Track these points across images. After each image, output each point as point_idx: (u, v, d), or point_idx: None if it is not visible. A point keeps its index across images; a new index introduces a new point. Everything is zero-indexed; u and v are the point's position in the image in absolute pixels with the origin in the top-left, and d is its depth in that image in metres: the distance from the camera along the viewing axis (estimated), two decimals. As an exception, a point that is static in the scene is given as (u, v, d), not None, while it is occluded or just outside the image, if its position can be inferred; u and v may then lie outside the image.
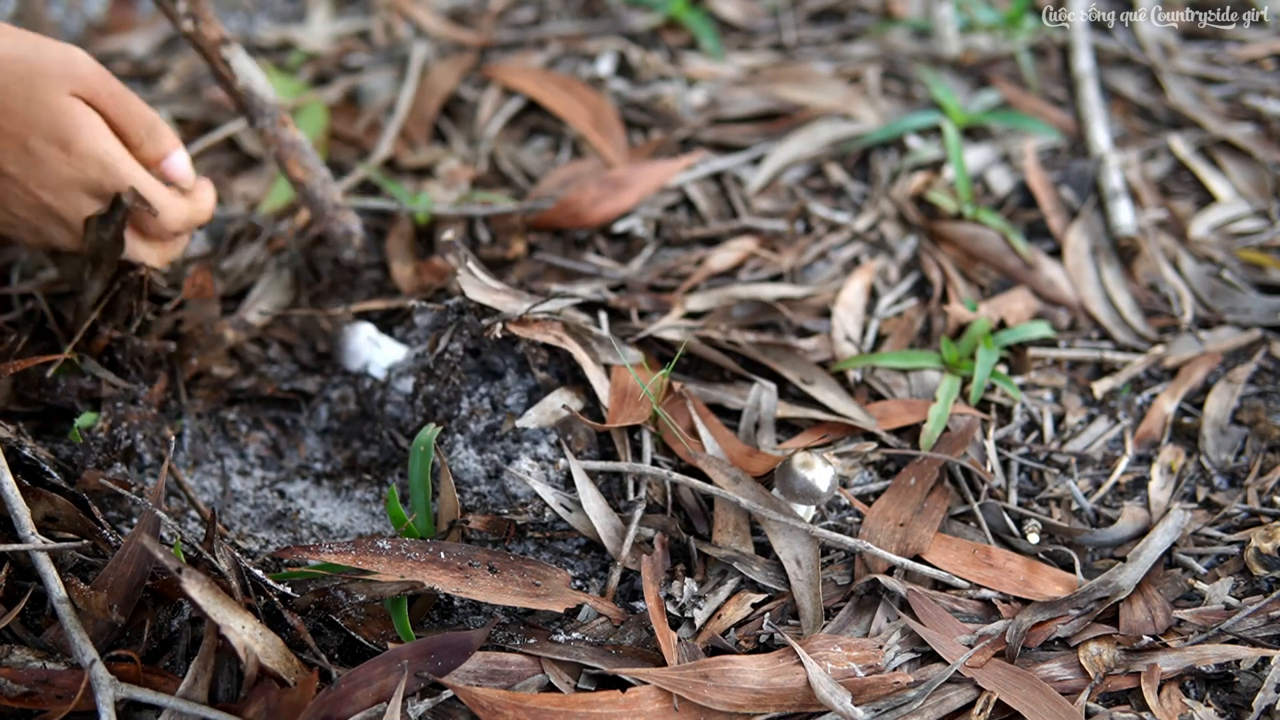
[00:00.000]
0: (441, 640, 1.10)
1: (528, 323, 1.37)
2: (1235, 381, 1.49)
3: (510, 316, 1.34)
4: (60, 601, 1.09)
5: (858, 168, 1.81)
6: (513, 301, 1.37)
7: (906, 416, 1.41)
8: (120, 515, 1.30)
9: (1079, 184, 1.75)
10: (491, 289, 1.38)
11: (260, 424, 1.48)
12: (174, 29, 1.34)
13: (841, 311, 1.55)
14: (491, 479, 1.33)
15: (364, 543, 1.17)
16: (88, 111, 1.26)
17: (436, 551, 1.19)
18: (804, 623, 1.21)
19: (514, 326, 1.35)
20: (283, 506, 1.38)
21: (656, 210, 1.71)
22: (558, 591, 1.19)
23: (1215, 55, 1.98)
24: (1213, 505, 1.37)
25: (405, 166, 1.81)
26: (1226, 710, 1.16)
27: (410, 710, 1.09)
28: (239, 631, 1.05)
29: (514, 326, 1.35)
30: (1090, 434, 1.46)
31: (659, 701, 1.12)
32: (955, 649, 1.18)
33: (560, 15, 2.08)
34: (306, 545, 1.17)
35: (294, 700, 1.05)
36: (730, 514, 1.30)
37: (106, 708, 1.03)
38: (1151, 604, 1.24)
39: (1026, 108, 1.88)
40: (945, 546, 1.29)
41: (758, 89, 1.90)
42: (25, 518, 1.15)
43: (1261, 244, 1.67)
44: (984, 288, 1.63)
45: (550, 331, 1.37)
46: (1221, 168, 1.79)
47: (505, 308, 1.36)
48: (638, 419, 1.34)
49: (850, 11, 2.09)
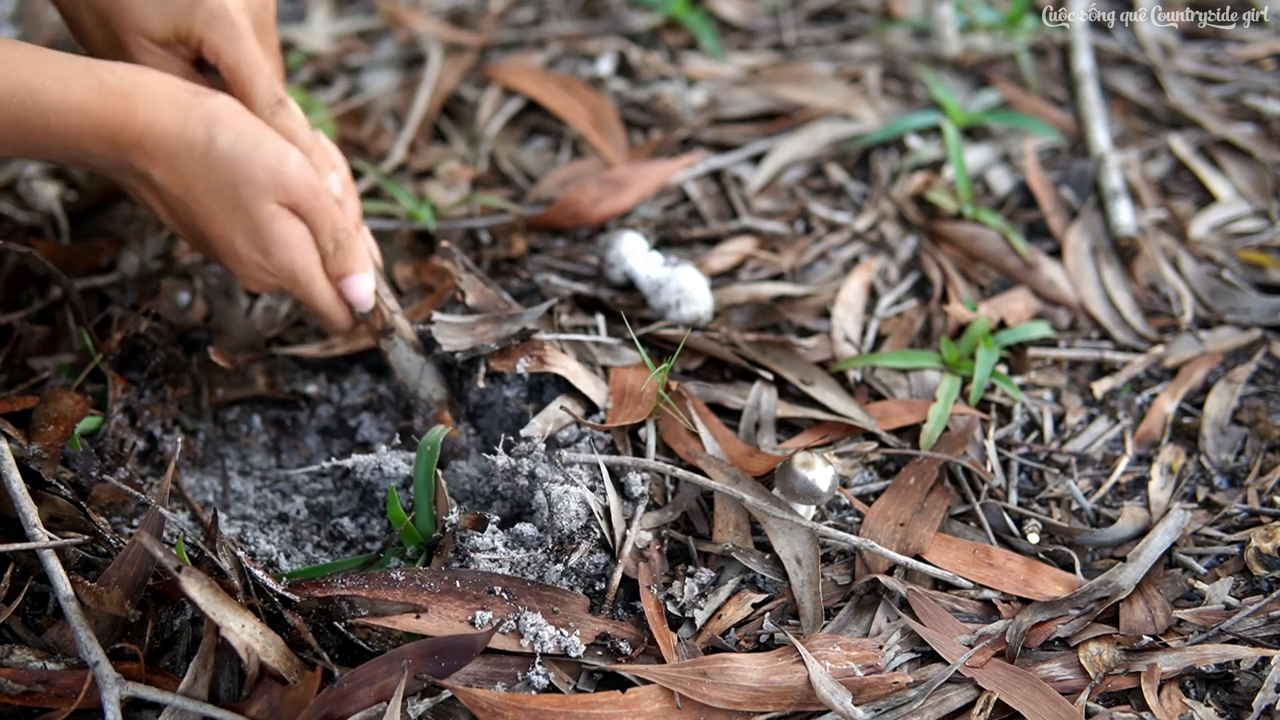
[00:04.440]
0: (445, 641, 1.10)
1: (509, 352, 1.37)
2: (1235, 381, 1.49)
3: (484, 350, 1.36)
4: (67, 599, 1.09)
5: (858, 168, 1.81)
6: (491, 330, 1.38)
7: (906, 416, 1.41)
8: (123, 519, 1.30)
9: (1079, 184, 1.75)
10: (465, 326, 1.38)
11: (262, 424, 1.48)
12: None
13: (841, 311, 1.55)
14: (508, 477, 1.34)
15: (377, 576, 1.17)
16: (290, 224, 1.30)
17: (452, 581, 1.18)
18: (804, 621, 1.21)
19: (495, 362, 1.37)
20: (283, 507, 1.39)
21: (656, 210, 1.71)
22: (576, 618, 1.19)
23: (1215, 55, 1.99)
24: (1213, 505, 1.37)
25: (408, 168, 1.81)
26: (1226, 710, 1.16)
27: (410, 710, 1.10)
28: (239, 631, 1.05)
29: (495, 362, 1.37)
30: (1090, 434, 1.46)
31: (659, 701, 1.12)
32: (955, 649, 1.18)
33: (560, 15, 2.08)
34: (317, 581, 1.16)
35: (296, 698, 1.05)
36: (731, 513, 1.31)
37: (112, 705, 1.03)
38: (1151, 604, 1.24)
39: (1026, 108, 1.88)
40: (945, 546, 1.29)
41: (758, 89, 1.90)
42: (33, 515, 1.16)
43: (1261, 244, 1.67)
44: (984, 288, 1.63)
45: (533, 354, 1.37)
46: (1221, 168, 1.79)
47: (484, 339, 1.36)
48: (637, 418, 1.34)
49: (850, 11, 2.09)
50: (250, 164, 1.25)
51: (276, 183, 1.27)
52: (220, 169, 1.25)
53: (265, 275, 1.32)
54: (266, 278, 1.33)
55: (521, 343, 1.39)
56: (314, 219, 1.31)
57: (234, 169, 1.25)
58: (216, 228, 1.29)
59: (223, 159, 1.25)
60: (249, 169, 1.25)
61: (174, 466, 1.32)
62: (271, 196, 1.27)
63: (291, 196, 1.29)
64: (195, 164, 1.24)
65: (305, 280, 1.33)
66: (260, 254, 1.30)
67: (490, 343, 1.37)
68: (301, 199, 1.29)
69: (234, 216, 1.28)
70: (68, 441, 1.27)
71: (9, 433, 1.23)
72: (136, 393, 1.39)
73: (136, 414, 1.38)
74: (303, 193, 1.29)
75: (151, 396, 1.40)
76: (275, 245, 1.29)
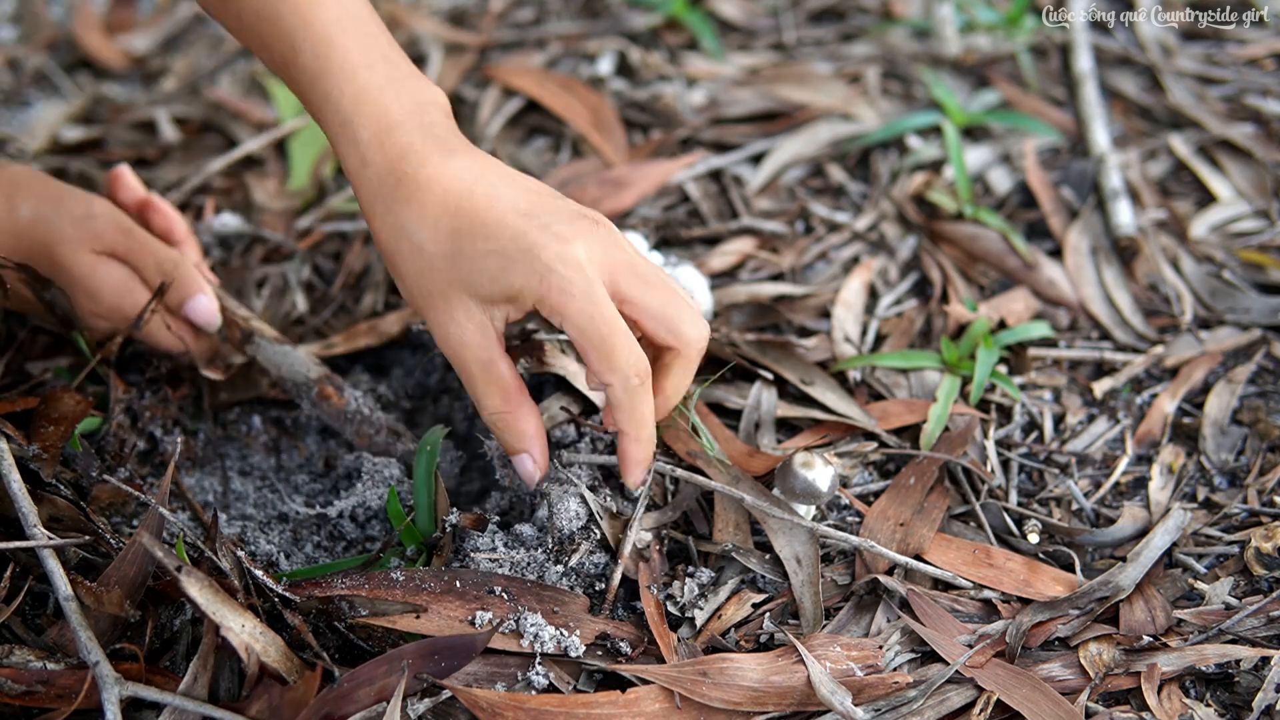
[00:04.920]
0: (445, 641, 1.10)
1: (509, 352, 1.37)
2: (1235, 381, 1.49)
3: None
4: (66, 599, 1.09)
5: (858, 168, 1.81)
6: None
7: (906, 416, 1.41)
8: (123, 519, 1.30)
9: (1079, 184, 1.75)
10: None
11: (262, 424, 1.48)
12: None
13: (841, 311, 1.55)
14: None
15: (378, 576, 1.17)
16: (111, 269, 1.33)
17: (452, 581, 1.18)
18: (804, 621, 1.21)
19: None
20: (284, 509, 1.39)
21: (656, 210, 1.71)
22: (576, 618, 1.19)
23: (1215, 55, 1.99)
24: (1213, 505, 1.37)
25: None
26: (1226, 710, 1.16)
27: (410, 710, 1.10)
28: (239, 631, 1.05)
29: None
30: (1090, 434, 1.46)
31: (659, 701, 1.12)
32: (955, 649, 1.18)
33: (560, 15, 2.08)
34: (317, 581, 1.16)
35: (296, 698, 1.05)
36: (731, 513, 1.31)
37: (112, 705, 1.03)
38: (1151, 604, 1.24)
39: (1026, 108, 1.88)
40: (945, 546, 1.29)
41: (758, 89, 1.90)
42: (33, 515, 1.16)
43: (1261, 244, 1.67)
44: (984, 288, 1.63)
45: (532, 354, 1.37)
46: (1221, 168, 1.79)
47: None
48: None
49: (850, 11, 2.09)
50: (59, 222, 1.29)
51: (87, 231, 1.31)
52: (28, 235, 1.30)
53: (102, 321, 1.35)
54: (103, 324, 1.36)
55: (521, 343, 1.39)
56: (134, 259, 1.34)
57: (44, 232, 1.30)
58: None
59: (28, 226, 1.29)
60: (59, 229, 1.29)
61: (174, 467, 1.32)
62: (87, 247, 1.31)
63: (105, 242, 1.32)
64: (4, 237, 1.29)
65: (148, 331, 1.36)
66: (91, 303, 1.33)
67: None
68: (116, 243, 1.33)
69: (56, 275, 1.32)
70: (68, 442, 1.27)
71: (9, 433, 1.23)
72: (137, 394, 1.39)
73: (137, 415, 1.38)
74: (115, 236, 1.33)
75: (152, 398, 1.40)
76: (103, 292, 1.32)
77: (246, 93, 1.98)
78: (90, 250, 1.32)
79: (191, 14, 2.20)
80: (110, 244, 1.33)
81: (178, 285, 1.36)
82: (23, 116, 1.98)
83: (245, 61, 2.05)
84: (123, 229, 1.34)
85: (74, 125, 1.95)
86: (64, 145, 1.89)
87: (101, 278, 1.32)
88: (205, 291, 1.37)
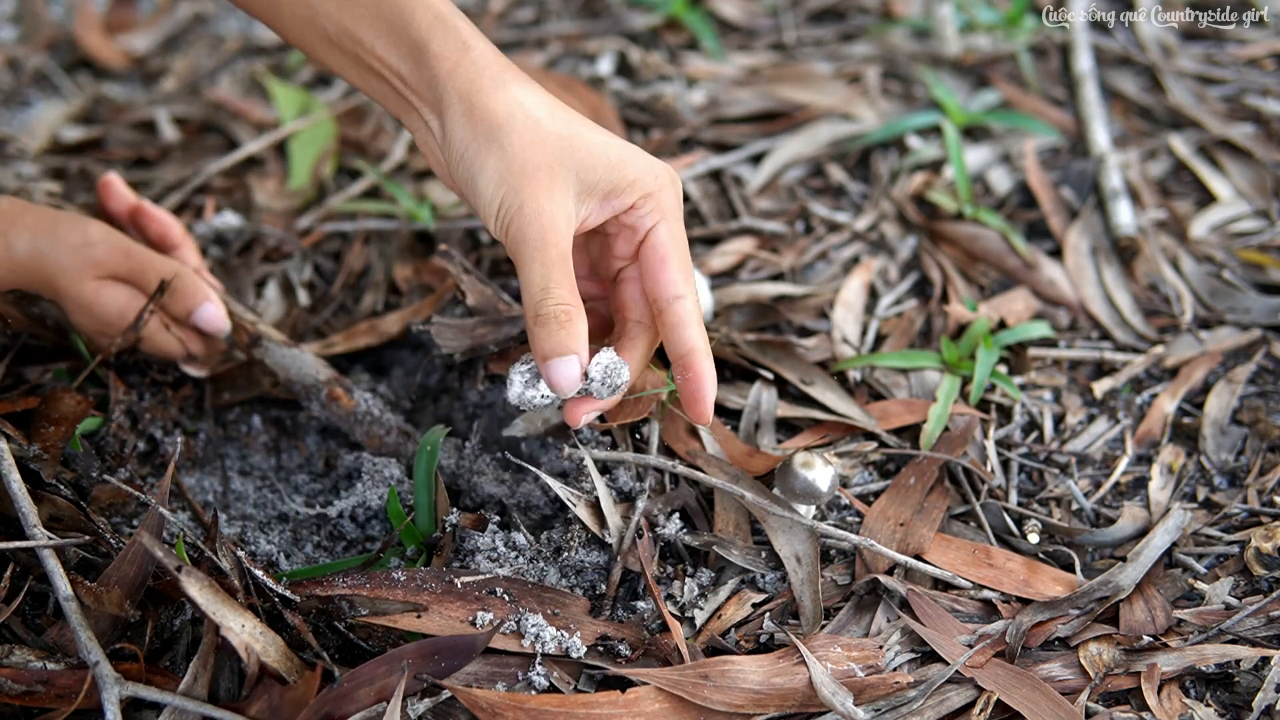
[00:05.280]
0: (446, 641, 1.10)
1: (509, 353, 1.38)
2: (1235, 381, 1.49)
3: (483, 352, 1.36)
4: (66, 599, 1.09)
5: (858, 168, 1.81)
6: (490, 331, 1.38)
7: (906, 416, 1.41)
8: (123, 519, 1.30)
9: (1079, 184, 1.75)
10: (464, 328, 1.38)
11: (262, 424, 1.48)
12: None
13: (841, 311, 1.55)
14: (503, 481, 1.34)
15: (378, 576, 1.17)
16: (115, 292, 1.33)
17: (453, 581, 1.18)
18: (804, 621, 1.21)
19: (494, 364, 1.37)
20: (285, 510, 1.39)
21: (657, 210, 1.71)
22: (577, 619, 1.19)
23: (1215, 55, 1.99)
24: (1213, 505, 1.37)
25: (407, 168, 1.81)
26: (1226, 710, 1.16)
27: (410, 710, 1.10)
28: (239, 631, 1.05)
29: (494, 364, 1.37)
30: (1090, 434, 1.46)
31: (659, 701, 1.12)
32: (955, 649, 1.18)
33: (560, 15, 2.08)
34: (317, 580, 1.16)
35: (296, 698, 1.05)
36: (731, 512, 1.31)
37: (112, 705, 1.03)
38: (1151, 604, 1.24)
39: (1026, 108, 1.88)
40: (945, 546, 1.29)
41: (758, 89, 1.90)
42: (33, 515, 1.16)
43: (1261, 244, 1.67)
44: (984, 288, 1.63)
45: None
46: (1221, 168, 1.79)
47: (484, 341, 1.36)
48: (638, 416, 1.34)
49: (850, 11, 2.09)
50: (56, 254, 1.29)
51: (86, 260, 1.30)
52: (26, 269, 1.29)
53: (108, 341, 1.36)
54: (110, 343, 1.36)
55: (521, 344, 1.39)
56: (136, 279, 1.35)
57: (42, 265, 1.29)
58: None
59: (26, 261, 1.29)
60: (57, 260, 1.29)
61: (174, 467, 1.32)
62: (88, 275, 1.31)
63: (107, 268, 1.32)
64: (4, 272, 1.29)
65: (148, 335, 1.35)
66: (99, 326, 1.33)
67: (490, 344, 1.37)
68: (118, 266, 1.33)
69: (60, 303, 1.33)
70: (68, 442, 1.27)
71: (9, 433, 1.23)
72: (137, 395, 1.39)
73: (137, 416, 1.38)
74: (116, 260, 1.33)
75: (152, 399, 1.40)
76: (109, 315, 1.33)
77: (246, 93, 1.98)
78: (92, 277, 1.31)
79: (191, 14, 2.20)
80: (112, 269, 1.33)
81: (183, 295, 1.36)
82: (23, 116, 1.98)
83: (245, 61, 2.05)
84: (121, 250, 1.33)
85: (74, 125, 1.95)
86: (64, 145, 1.89)
87: (106, 302, 1.32)
88: (211, 299, 1.37)
